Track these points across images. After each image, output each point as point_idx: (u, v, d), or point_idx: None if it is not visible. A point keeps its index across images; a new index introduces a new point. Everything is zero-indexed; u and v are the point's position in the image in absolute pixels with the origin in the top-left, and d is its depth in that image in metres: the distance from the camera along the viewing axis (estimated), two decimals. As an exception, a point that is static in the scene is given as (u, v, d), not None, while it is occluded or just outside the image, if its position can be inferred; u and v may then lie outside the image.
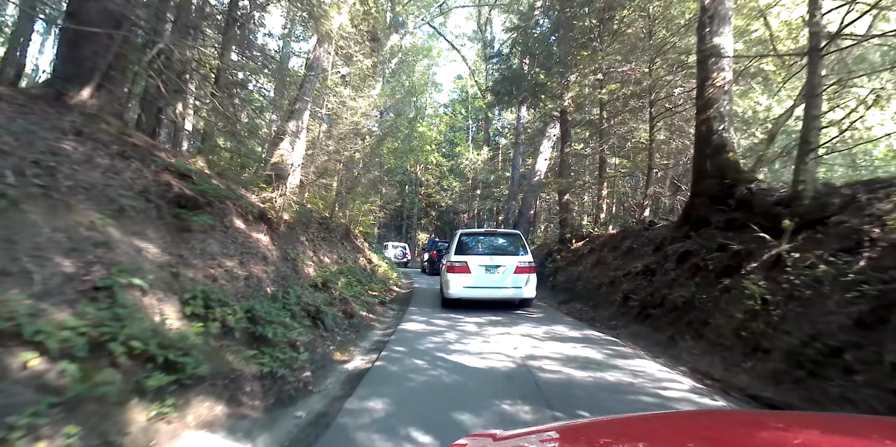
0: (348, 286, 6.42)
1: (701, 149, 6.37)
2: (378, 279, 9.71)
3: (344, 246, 9.19)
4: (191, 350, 2.65)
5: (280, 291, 4.41)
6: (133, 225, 3.28)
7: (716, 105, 6.26)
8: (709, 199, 5.99)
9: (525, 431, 1.19)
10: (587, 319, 6.72)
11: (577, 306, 7.89)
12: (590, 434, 1.05)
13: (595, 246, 9.29)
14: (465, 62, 27.49)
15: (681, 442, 0.88)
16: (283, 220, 6.05)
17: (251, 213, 5.05)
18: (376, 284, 8.25)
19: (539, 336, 5.30)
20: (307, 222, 7.54)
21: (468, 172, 25.38)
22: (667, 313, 5.35)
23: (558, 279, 9.74)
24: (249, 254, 4.53)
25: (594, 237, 9.94)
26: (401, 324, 6.03)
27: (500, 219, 28.08)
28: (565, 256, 10.33)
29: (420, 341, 4.91)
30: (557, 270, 10.16)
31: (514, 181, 18.08)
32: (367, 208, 13.68)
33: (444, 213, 33.55)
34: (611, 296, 7.09)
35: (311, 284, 5.36)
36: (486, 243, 7.95)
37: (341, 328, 5.34)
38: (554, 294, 9.49)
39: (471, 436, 1.21)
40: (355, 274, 7.80)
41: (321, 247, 7.46)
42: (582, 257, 9.45)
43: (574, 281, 8.92)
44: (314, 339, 4.48)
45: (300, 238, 6.56)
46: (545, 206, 19.80)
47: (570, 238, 10.86)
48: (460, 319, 6.40)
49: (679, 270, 5.71)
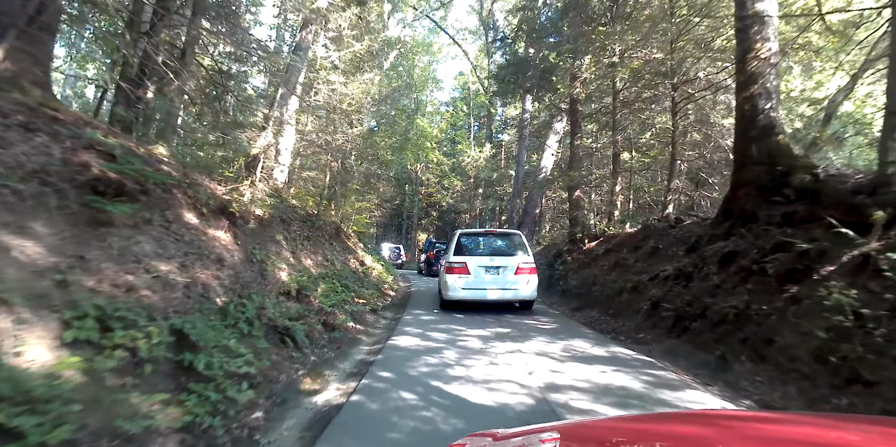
0: (332, 292, 5.51)
1: (744, 131, 5.45)
2: (371, 283, 8.80)
3: (333, 246, 8.28)
4: (51, 400, 1.75)
5: (234, 303, 3.50)
6: (9, 215, 2.39)
7: (760, 80, 5.35)
8: (756, 190, 5.06)
9: (525, 430, 1.14)
10: (609, 331, 5.79)
11: (593, 314, 6.96)
12: (590, 433, 1.05)
13: (611, 246, 8.36)
14: (466, 57, 26.63)
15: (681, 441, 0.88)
16: (252, 215, 5.15)
17: (207, 205, 4.15)
18: (368, 289, 7.35)
19: (557, 355, 4.38)
20: (288, 219, 6.64)
21: (470, 170, 24.42)
22: (711, 327, 4.42)
23: (570, 283, 8.81)
24: (197, 256, 3.63)
25: (609, 237, 9.01)
26: (392, 337, 5.11)
27: (502, 219, 27.17)
28: (577, 258, 9.40)
29: (412, 362, 3.99)
30: (569, 273, 9.24)
31: (519, 178, 17.16)
32: (362, 206, 12.78)
33: (445, 213, 32.64)
34: (635, 304, 6.17)
35: (282, 292, 4.46)
36: (486, 243, 7.68)
37: (318, 345, 4.43)
38: (566, 299, 8.57)
39: (471, 435, 1.16)
40: (343, 278, 6.90)
41: (303, 248, 6.55)
42: (596, 259, 8.53)
43: (589, 285, 7.99)
44: (278, 363, 3.57)
45: (276, 237, 5.66)
46: (550, 204, 18.87)
47: (582, 238, 9.94)
48: (461, 331, 5.48)
49: (723, 275, 4.78)
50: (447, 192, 28.48)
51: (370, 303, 6.96)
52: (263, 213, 5.56)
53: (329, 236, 8.40)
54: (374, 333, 5.64)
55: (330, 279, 6.27)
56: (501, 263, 7.05)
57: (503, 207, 25.56)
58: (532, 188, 16.57)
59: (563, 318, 6.88)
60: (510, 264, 7.01)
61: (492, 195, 23.70)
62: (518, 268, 6.99)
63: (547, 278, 10.40)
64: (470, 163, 23.94)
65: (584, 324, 6.40)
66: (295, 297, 4.60)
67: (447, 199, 28.74)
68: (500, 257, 7.17)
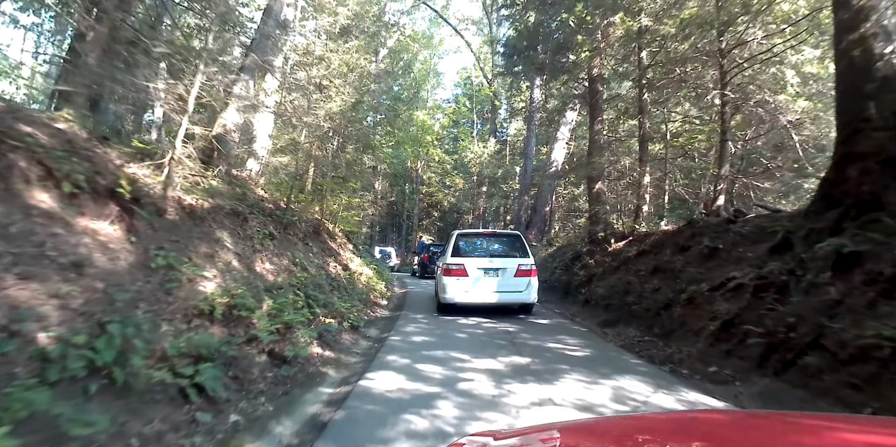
0: (290, 309, 4.04)
1: (853, 87, 3.99)
2: (357, 292, 7.36)
3: (309, 247, 6.84)
4: None
5: (80, 338, 2.06)
6: None
7: (874, 16, 3.89)
8: (879, 165, 3.60)
9: (526, 430, 1.17)
10: (663, 360, 4.31)
11: (632, 333, 5.49)
12: (591, 433, 1.04)
13: (646, 247, 6.88)
14: (469, 48, 25.21)
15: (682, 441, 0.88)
16: (174, 203, 3.72)
17: (74, 181, 2.72)
18: (347, 301, 5.89)
19: (609, 408, 2.91)
20: (243, 212, 5.21)
21: (473, 167, 22.89)
22: (839, 364, 2.95)
23: (595, 291, 7.33)
24: (29, 259, 2.20)
25: (641, 235, 7.54)
26: (368, 372, 3.67)
27: (507, 218, 25.71)
28: (601, 261, 7.93)
29: (390, 426, 2.54)
30: (592, 279, 7.76)
31: (527, 173, 15.69)
32: (353, 202, 11.35)
33: (447, 213, 31.21)
34: (692, 322, 4.69)
35: (198, 313, 3.01)
36: (485, 245, 7.31)
37: (251, 392, 2.98)
38: (590, 311, 7.09)
39: (471, 435, 1.11)
40: (315, 287, 5.45)
41: (262, 250, 5.11)
42: (628, 262, 7.05)
43: (620, 294, 6.51)
44: (156, 439, 2.13)
45: (216, 235, 4.22)
46: (561, 202, 17.38)
47: (606, 237, 8.47)
48: (464, 362, 4.02)
49: (844, 285, 3.30)
50: (449, 189, 27.02)
51: (353, 319, 5.52)
52: (197, 202, 4.13)
53: (305, 235, 6.96)
54: (348, 363, 4.18)
55: (295, 289, 4.83)
56: (501, 265, 6.68)
57: (508, 206, 24.10)
58: (542, 184, 15.11)
59: (594, 339, 5.40)
60: (510, 266, 6.65)
61: (496, 193, 22.22)
62: (518, 270, 6.63)
63: (564, 285, 8.94)
64: (473, 159, 22.40)
65: (625, 347, 4.92)
66: (222, 320, 3.15)
67: (449, 198, 27.27)
68: (499, 259, 6.81)
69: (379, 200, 20.83)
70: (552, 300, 8.95)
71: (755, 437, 0.87)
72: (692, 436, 0.90)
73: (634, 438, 0.92)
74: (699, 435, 0.90)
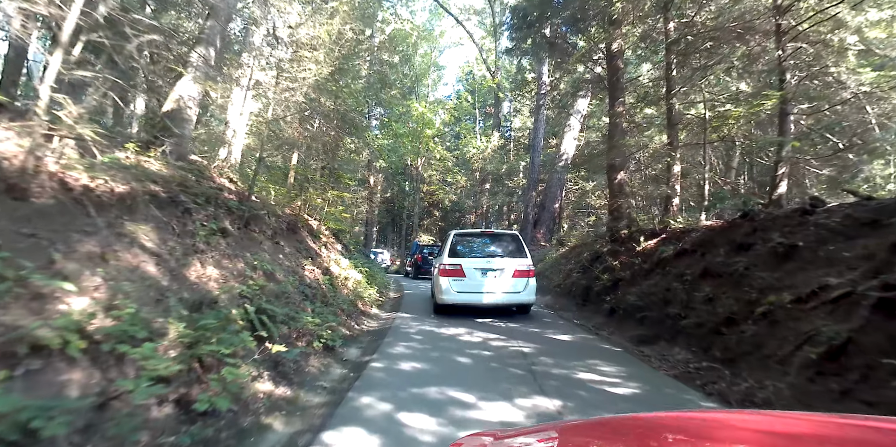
0: (224, 333, 2.87)
1: None
2: (340, 300, 6.20)
3: (279, 247, 5.69)
4: None
5: None
6: None
7: None
8: None
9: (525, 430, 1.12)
10: (741, 398, 3.13)
11: (680, 354, 4.32)
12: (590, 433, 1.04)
13: (687, 246, 5.69)
14: (471, 39, 24.05)
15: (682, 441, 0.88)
16: (43, 180, 2.57)
17: None
18: (320, 316, 4.69)
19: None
20: (181, 202, 4.06)
21: (475, 163, 21.64)
22: None
23: (624, 298, 6.14)
24: None
25: (677, 232, 6.35)
26: (328, 429, 2.52)
27: (511, 217, 24.51)
28: (628, 262, 6.74)
29: None
30: (619, 284, 6.58)
31: (535, 166, 14.51)
32: (342, 196, 10.20)
33: (449, 212, 30.04)
34: (772, 344, 3.51)
35: (29, 350, 1.84)
36: (482, 245, 7.16)
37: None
38: (620, 323, 5.90)
39: (471, 435, 1.12)
40: (275, 299, 4.28)
41: (207, 250, 3.96)
42: (664, 264, 5.86)
43: (659, 304, 5.32)
44: None
45: (124, 227, 3.06)
46: (571, 198, 16.16)
47: (631, 234, 7.29)
48: (470, 412, 2.85)
49: None
50: (451, 187, 25.82)
51: (325, 337, 4.36)
52: (97, 185, 2.97)
53: (275, 233, 5.81)
54: (307, 406, 3.02)
55: (245, 302, 3.67)
56: (498, 266, 6.57)
57: (512, 204, 22.91)
58: (550, 178, 13.93)
59: (635, 364, 4.20)
60: (507, 267, 6.55)
61: (500, 191, 21.02)
62: (516, 270, 6.53)
63: (582, 290, 7.76)
64: (476, 154, 21.16)
65: (680, 378, 3.73)
66: (83, 360, 1.99)
67: (451, 197, 26.06)
68: (496, 259, 6.67)
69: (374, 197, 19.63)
70: (568, 307, 7.78)
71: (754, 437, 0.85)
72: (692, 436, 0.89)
73: (634, 438, 0.91)
74: (698, 434, 0.89)
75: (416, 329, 5.69)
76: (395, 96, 15.65)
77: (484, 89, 26.19)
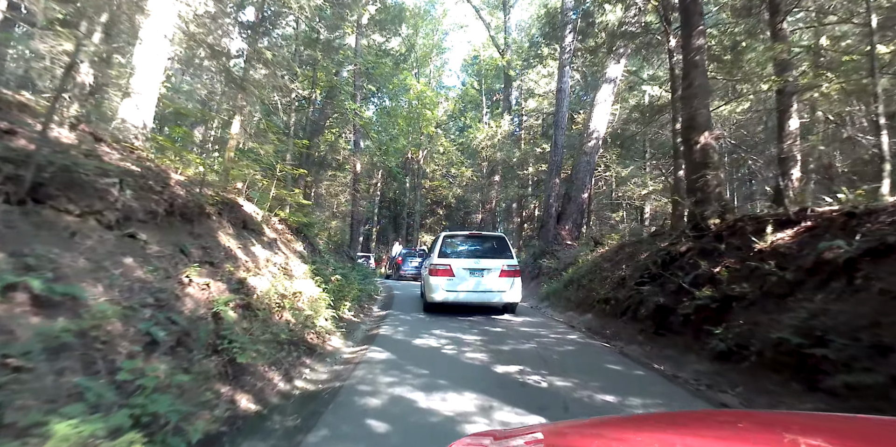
0: None
1: None
2: (268, 336, 3.62)
3: (134, 243, 3.12)
4: None
5: None
6: None
7: None
8: None
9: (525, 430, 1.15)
10: None
11: None
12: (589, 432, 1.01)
13: (892, 238, 3.04)
14: (478, 15, 21.49)
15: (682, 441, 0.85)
16: None
17: None
18: (144, 396, 2.14)
19: None
20: None
21: (483, 150, 18.88)
22: None
23: (751, 331, 3.47)
24: None
25: (836, 218, 3.70)
26: None
27: (523, 215, 21.84)
28: (747, 269, 4.08)
29: None
30: (732, 307, 3.92)
31: (558, 147, 11.86)
32: (289, 172, 7.78)
33: (454, 210, 27.43)
34: None
35: None
36: (470, 246, 7.36)
37: None
38: (749, 377, 3.24)
39: (471, 435, 1.12)
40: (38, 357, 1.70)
41: None
42: (829, 271, 3.22)
43: (864, 350, 2.67)
44: None
45: None
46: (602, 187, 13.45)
47: (742, 224, 4.66)
48: None
49: None
50: (455, 180, 23.20)
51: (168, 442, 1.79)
52: None
53: (137, 218, 3.25)
54: None
55: None
56: (486, 266, 6.80)
57: (525, 200, 20.24)
58: (578, 162, 11.30)
59: None
60: (494, 267, 6.78)
61: (511, 183, 18.35)
62: (503, 270, 6.76)
63: (655, 312, 5.07)
64: (483, 140, 18.41)
65: None
66: None
67: (456, 192, 23.42)
68: (484, 260, 6.91)
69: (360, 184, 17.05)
70: (631, 338, 5.10)
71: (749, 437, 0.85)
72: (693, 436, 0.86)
73: (635, 438, 0.89)
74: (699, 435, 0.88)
75: (390, 379, 3.08)
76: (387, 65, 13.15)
77: (492, 74, 23.58)
